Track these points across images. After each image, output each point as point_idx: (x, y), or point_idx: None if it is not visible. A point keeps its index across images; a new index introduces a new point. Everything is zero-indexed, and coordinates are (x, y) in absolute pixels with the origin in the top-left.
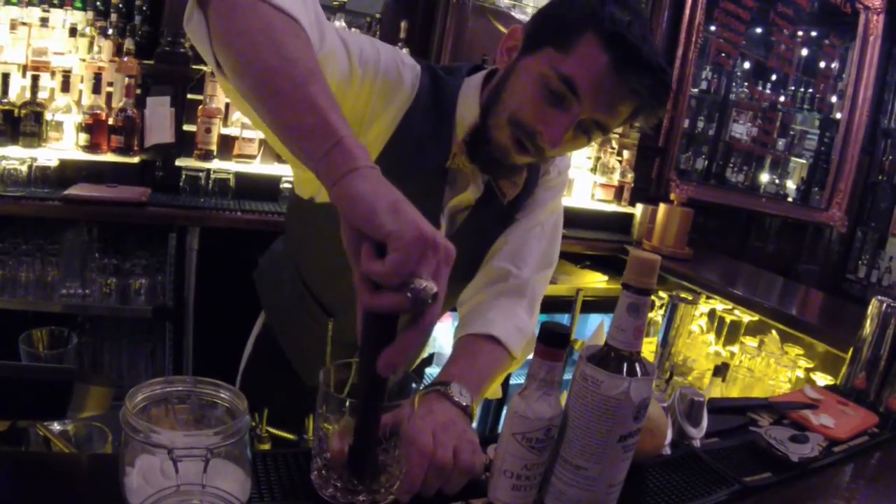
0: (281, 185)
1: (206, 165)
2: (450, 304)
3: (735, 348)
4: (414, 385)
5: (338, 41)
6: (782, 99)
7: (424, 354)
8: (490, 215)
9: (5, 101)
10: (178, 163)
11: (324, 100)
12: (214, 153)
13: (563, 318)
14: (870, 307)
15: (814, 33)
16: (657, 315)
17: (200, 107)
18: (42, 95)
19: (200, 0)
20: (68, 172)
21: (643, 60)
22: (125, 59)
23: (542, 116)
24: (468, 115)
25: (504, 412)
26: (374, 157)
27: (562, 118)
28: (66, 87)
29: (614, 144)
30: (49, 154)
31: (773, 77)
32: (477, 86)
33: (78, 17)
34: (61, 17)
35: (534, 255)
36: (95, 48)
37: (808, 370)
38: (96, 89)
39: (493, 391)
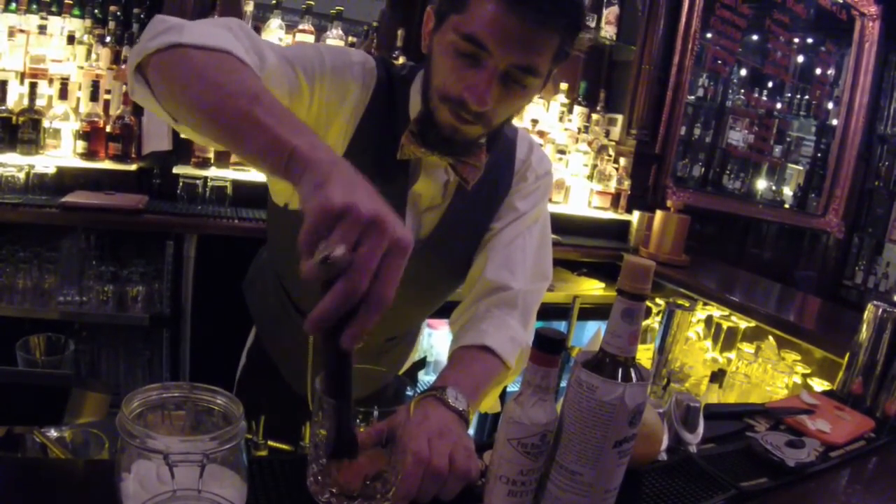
0: None
1: (204, 173)
2: (436, 303)
3: (732, 354)
4: (409, 391)
5: (279, 59)
6: (778, 106)
7: (415, 357)
8: (461, 215)
9: (3, 108)
10: (175, 170)
11: (270, 118)
12: (211, 161)
13: (560, 326)
14: (866, 312)
15: (810, 40)
16: (654, 322)
17: None
18: (40, 103)
19: (139, 70)
20: (66, 180)
21: None
22: (123, 66)
23: (463, 82)
24: (417, 105)
25: (500, 418)
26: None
27: (480, 76)
28: (63, 94)
29: (611, 152)
30: (46, 161)
31: (770, 84)
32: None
33: (76, 25)
34: (59, 25)
35: (522, 267)
36: (93, 56)
37: (804, 376)
38: (94, 97)
39: (491, 405)
